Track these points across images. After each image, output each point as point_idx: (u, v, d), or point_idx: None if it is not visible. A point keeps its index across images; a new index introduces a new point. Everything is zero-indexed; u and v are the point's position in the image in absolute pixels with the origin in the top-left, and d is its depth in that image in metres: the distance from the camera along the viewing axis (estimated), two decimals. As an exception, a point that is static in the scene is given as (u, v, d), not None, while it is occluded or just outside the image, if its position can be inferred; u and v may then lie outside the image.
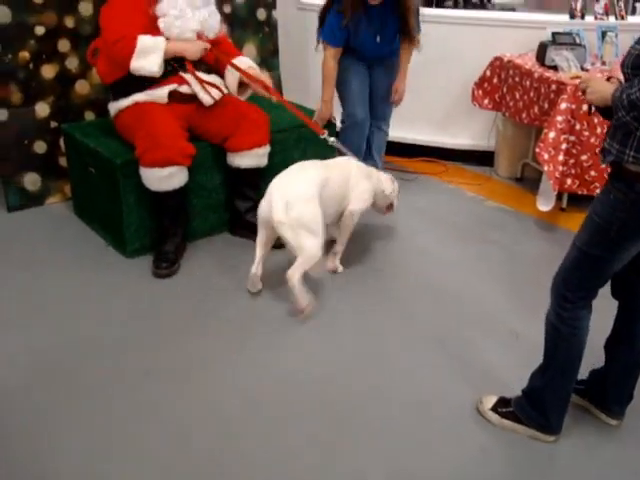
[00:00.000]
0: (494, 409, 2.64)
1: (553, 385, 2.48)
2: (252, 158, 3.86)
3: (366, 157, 4.43)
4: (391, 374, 2.92)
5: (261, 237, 3.37)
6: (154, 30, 3.56)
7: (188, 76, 3.68)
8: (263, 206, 3.28)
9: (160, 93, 3.64)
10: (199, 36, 3.67)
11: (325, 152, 4.25)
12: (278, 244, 3.41)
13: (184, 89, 3.69)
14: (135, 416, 2.64)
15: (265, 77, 3.92)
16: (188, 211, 3.84)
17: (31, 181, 4.30)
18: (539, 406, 2.52)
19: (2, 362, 2.92)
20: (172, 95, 3.67)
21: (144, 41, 3.49)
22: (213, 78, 3.81)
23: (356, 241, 4.02)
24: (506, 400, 2.64)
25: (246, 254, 3.79)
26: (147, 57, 3.50)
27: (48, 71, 4.23)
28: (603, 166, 3.36)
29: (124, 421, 2.61)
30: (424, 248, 4.01)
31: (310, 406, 2.72)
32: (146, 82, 3.60)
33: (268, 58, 5.15)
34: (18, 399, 2.71)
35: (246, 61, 3.97)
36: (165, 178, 3.54)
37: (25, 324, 3.19)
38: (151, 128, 3.51)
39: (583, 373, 2.60)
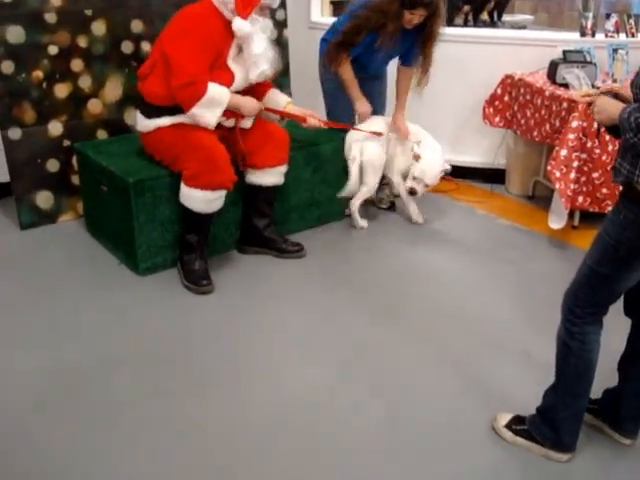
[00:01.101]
0: (508, 426, 2.63)
1: (565, 402, 2.46)
2: (273, 176, 3.90)
3: None
4: (405, 391, 2.91)
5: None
6: (220, 69, 3.55)
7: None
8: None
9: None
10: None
11: (337, 170, 4.26)
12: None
13: (228, 123, 3.71)
14: (152, 431, 2.64)
15: (307, 111, 4.02)
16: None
17: (44, 199, 4.33)
18: (552, 424, 2.50)
19: (16, 379, 2.93)
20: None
21: (213, 92, 3.47)
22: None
23: (365, 258, 4.04)
24: (521, 418, 2.63)
25: (260, 270, 3.83)
26: (210, 108, 3.51)
27: (61, 90, 4.26)
28: (613, 183, 3.35)
29: (141, 435, 2.62)
30: (435, 266, 4.01)
31: (325, 424, 2.71)
32: None
33: (279, 76, 5.15)
34: (35, 416, 2.71)
35: (282, 96, 4.02)
36: (212, 201, 3.58)
37: (37, 341, 3.19)
38: (208, 152, 3.52)
39: (597, 392, 2.59)
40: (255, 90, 3.82)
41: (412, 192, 4.34)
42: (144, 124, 3.72)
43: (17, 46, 4.05)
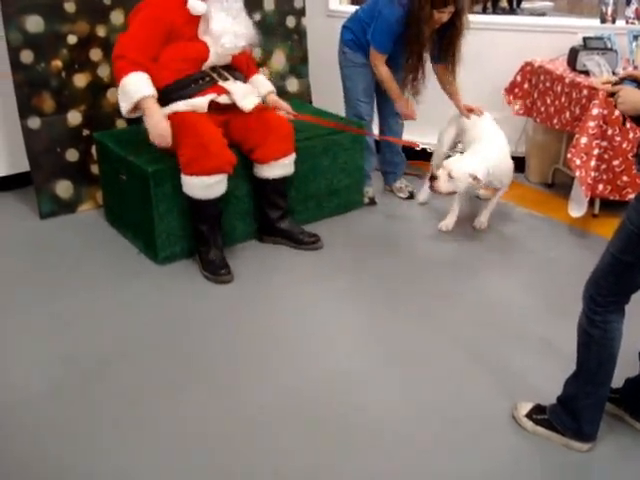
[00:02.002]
0: (529, 416, 2.62)
1: (586, 390, 2.45)
2: (280, 168, 3.88)
3: (388, 149, 4.71)
4: (424, 380, 2.91)
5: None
6: (192, 41, 3.59)
7: (227, 85, 3.71)
8: None
9: (200, 103, 3.65)
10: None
11: (355, 159, 4.25)
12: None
13: (222, 99, 3.71)
14: (170, 421, 2.66)
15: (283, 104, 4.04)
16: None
17: (63, 188, 4.35)
18: (573, 413, 2.49)
19: (32, 365, 2.96)
20: (210, 104, 3.68)
21: (128, 82, 3.51)
22: (247, 87, 3.84)
23: (383, 247, 4.03)
24: (541, 407, 2.62)
25: (275, 261, 3.84)
26: (123, 95, 3.55)
27: (80, 80, 4.28)
28: (635, 172, 3.32)
29: (158, 424, 2.63)
30: (454, 255, 4.00)
31: (340, 412, 2.71)
32: (186, 92, 3.63)
33: (297, 65, 5.16)
34: (50, 402, 2.74)
35: (265, 84, 4.03)
36: (211, 186, 3.56)
37: (57, 331, 3.22)
38: (199, 137, 3.53)
39: (618, 382, 2.58)
40: (242, 72, 3.86)
41: (432, 177, 4.14)
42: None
43: (36, 35, 4.06)
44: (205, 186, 3.55)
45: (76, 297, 3.48)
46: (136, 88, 3.51)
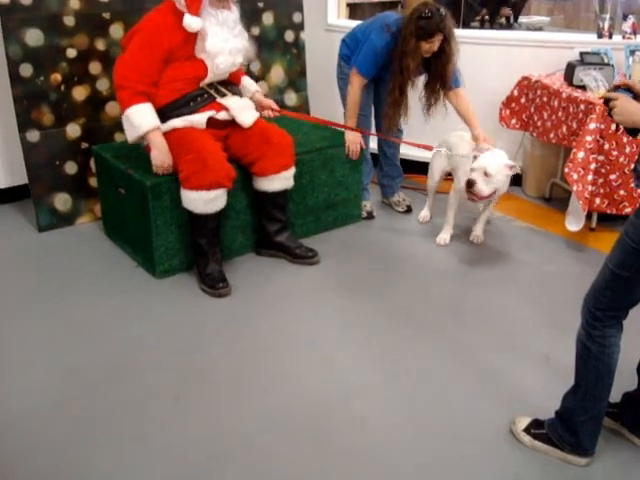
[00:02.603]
0: (527, 430, 2.62)
1: (585, 405, 2.45)
2: (279, 181, 3.89)
3: (386, 162, 4.72)
4: (422, 394, 2.91)
5: None
6: (190, 60, 3.60)
7: (225, 101, 3.72)
8: None
9: (199, 119, 3.66)
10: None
11: (353, 173, 4.26)
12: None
13: (221, 115, 3.72)
14: (170, 431, 2.65)
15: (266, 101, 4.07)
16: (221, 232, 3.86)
17: (62, 201, 4.36)
18: (571, 427, 2.49)
19: (32, 379, 2.95)
20: (209, 121, 3.69)
21: (131, 114, 3.54)
22: (245, 101, 3.86)
23: (382, 260, 4.04)
24: (539, 422, 2.62)
25: (273, 275, 3.84)
26: (129, 125, 3.58)
27: (79, 93, 4.29)
28: (633, 186, 3.33)
29: (160, 437, 2.63)
30: (452, 270, 4.00)
31: (339, 428, 2.71)
32: (184, 110, 3.64)
33: (296, 79, 5.18)
34: (51, 416, 2.73)
35: (251, 84, 4.05)
36: (210, 201, 3.57)
37: (54, 342, 3.22)
38: (198, 152, 3.54)
39: (616, 396, 2.58)
40: (232, 77, 3.87)
41: (469, 184, 3.75)
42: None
43: (36, 49, 4.09)
44: (205, 201, 3.56)
45: (75, 310, 3.48)
46: (141, 120, 3.54)
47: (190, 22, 3.49)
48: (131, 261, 3.97)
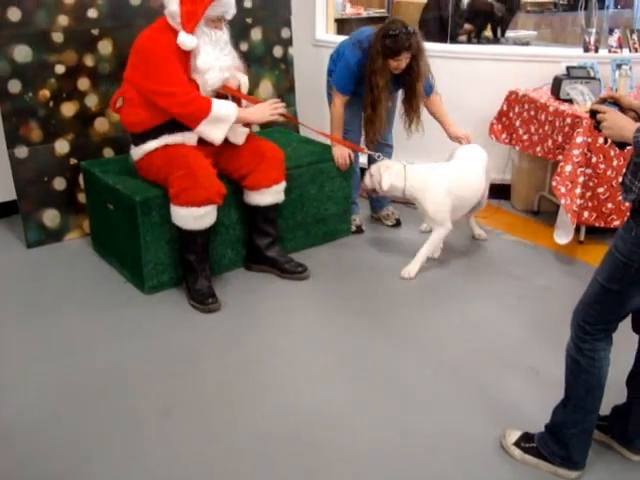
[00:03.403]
0: (517, 444, 2.62)
1: (575, 418, 2.45)
2: (271, 195, 3.89)
3: None
4: (412, 409, 2.91)
5: None
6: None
7: None
8: None
9: (190, 136, 3.68)
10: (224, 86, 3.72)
11: (342, 187, 4.27)
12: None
13: None
14: (160, 448, 2.64)
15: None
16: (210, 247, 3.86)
17: (50, 217, 4.35)
18: (561, 440, 2.49)
19: (24, 397, 2.93)
20: (199, 138, 3.70)
21: (219, 109, 3.55)
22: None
23: (371, 275, 4.04)
24: (529, 435, 2.62)
25: (263, 290, 3.84)
26: (217, 125, 3.58)
27: (68, 109, 4.29)
28: (621, 199, 3.34)
29: (150, 452, 2.62)
30: (441, 283, 4.00)
31: (327, 440, 2.71)
32: (176, 129, 3.64)
33: (284, 94, 5.19)
34: (43, 436, 2.72)
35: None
36: (201, 217, 3.57)
37: (44, 360, 3.20)
38: (189, 168, 3.54)
39: (605, 409, 2.58)
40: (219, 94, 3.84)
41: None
42: (134, 152, 3.81)
43: (24, 65, 4.08)
44: (195, 217, 3.56)
45: (63, 326, 3.47)
46: (226, 112, 3.58)
47: (185, 40, 3.51)
48: (120, 277, 3.95)
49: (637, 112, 2.26)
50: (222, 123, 3.59)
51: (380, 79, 4.01)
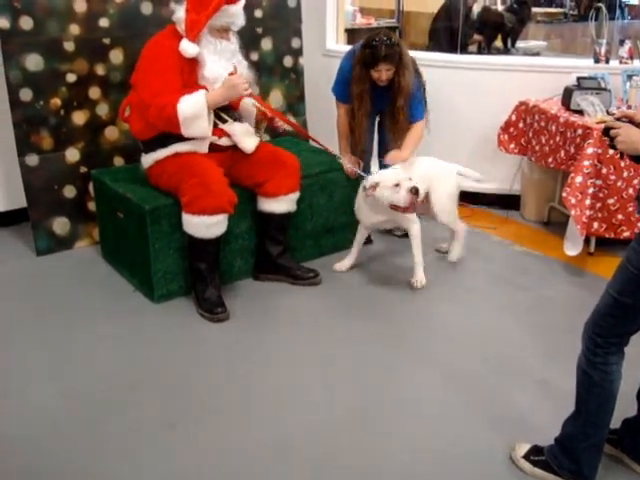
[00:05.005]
0: (526, 457, 2.60)
1: (586, 432, 2.43)
2: (286, 203, 3.91)
3: None
4: (421, 421, 2.89)
5: None
6: (193, 87, 3.59)
7: (227, 127, 3.73)
8: None
9: (201, 144, 3.68)
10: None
11: (351, 197, 4.27)
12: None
13: (223, 141, 3.75)
14: (169, 458, 2.64)
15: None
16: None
17: (60, 225, 4.36)
18: (572, 454, 2.47)
19: (31, 408, 2.93)
20: (210, 146, 3.71)
21: (185, 109, 3.48)
22: (246, 127, 3.85)
23: (381, 285, 4.03)
24: (539, 448, 2.60)
25: (272, 300, 3.84)
26: (195, 121, 3.53)
27: (79, 117, 4.31)
28: (636, 214, 3.32)
29: (159, 464, 2.61)
30: (451, 294, 3.99)
31: (337, 451, 2.69)
32: (186, 138, 3.63)
33: (294, 104, 5.20)
34: (51, 446, 2.71)
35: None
36: (212, 226, 3.57)
37: (53, 369, 3.20)
38: (201, 177, 3.55)
39: (616, 423, 2.56)
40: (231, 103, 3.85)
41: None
42: (144, 160, 3.82)
43: (36, 74, 4.10)
44: (206, 225, 3.56)
45: (73, 334, 3.47)
46: (193, 107, 3.50)
47: (186, 47, 3.53)
48: (129, 285, 3.96)
49: None
50: (198, 118, 3.53)
51: (356, 87, 4.10)
